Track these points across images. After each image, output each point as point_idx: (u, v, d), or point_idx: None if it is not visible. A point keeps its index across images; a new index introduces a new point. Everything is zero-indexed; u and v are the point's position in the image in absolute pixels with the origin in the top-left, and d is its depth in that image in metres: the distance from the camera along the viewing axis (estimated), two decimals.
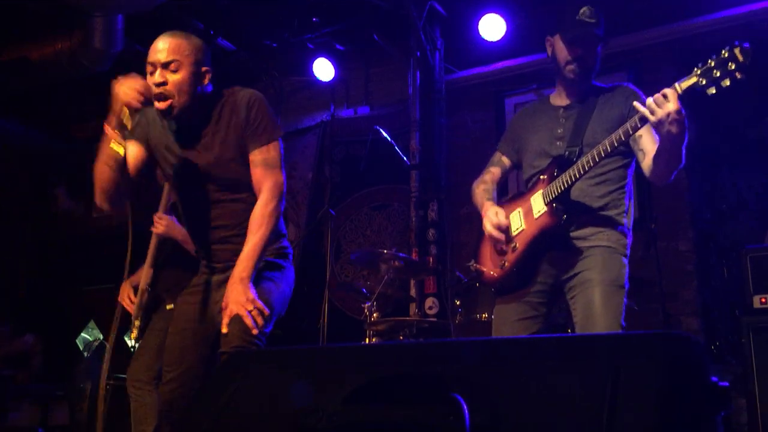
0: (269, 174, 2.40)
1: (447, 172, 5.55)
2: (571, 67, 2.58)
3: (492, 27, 5.28)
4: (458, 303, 4.12)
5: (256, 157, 2.41)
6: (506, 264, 2.59)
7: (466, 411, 1.09)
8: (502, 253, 2.63)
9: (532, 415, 1.12)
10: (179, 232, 3.45)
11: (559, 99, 2.71)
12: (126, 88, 2.25)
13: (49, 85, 5.84)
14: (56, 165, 7.73)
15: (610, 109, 2.58)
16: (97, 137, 2.53)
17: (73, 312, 7.38)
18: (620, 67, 5.05)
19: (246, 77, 6.65)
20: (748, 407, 3.00)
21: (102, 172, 2.44)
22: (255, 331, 2.22)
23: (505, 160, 2.85)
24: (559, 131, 2.62)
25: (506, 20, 5.24)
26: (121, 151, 2.34)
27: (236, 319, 2.24)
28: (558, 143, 2.60)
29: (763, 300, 3.14)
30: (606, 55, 2.64)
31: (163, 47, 2.34)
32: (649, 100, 2.21)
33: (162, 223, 3.49)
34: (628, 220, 2.58)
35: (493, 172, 2.87)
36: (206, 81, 2.40)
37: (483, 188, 2.83)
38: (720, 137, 4.69)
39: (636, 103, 2.26)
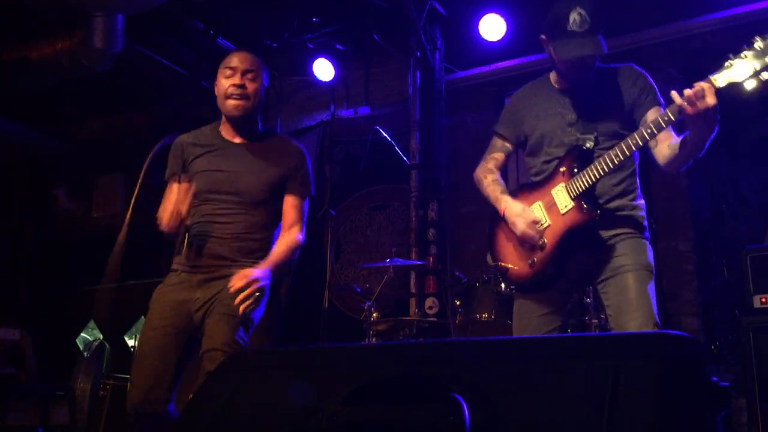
0: (298, 224, 2.71)
1: (447, 172, 5.55)
2: (569, 75, 2.56)
3: (492, 27, 5.28)
4: (458, 303, 4.12)
5: (294, 201, 2.72)
6: (536, 261, 2.50)
7: (466, 411, 1.09)
8: (527, 249, 2.54)
9: (531, 415, 1.12)
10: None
11: (561, 82, 2.64)
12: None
13: (49, 85, 5.84)
14: (56, 165, 7.73)
15: (618, 94, 2.54)
16: (97, 137, 2.58)
17: (73, 312, 7.38)
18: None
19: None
20: (748, 407, 3.00)
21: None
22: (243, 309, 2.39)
23: (508, 144, 2.76)
24: (570, 117, 2.55)
25: (506, 20, 5.24)
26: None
27: (225, 321, 2.40)
28: (569, 130, 2.54)
29: (763, 300, 3.14)
30: (606, 55, 2.60)
31: (244, 57, 2.68)
32: (689, 93, 2.15)
33: None
34: (641, 203, 2.58)
35: (497, 158, 2.77)
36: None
37: (492, 179, 2.72)
38: (720, 136, 4.68)
39: (673, 93, 2.20)
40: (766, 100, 4.51)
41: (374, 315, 4.20)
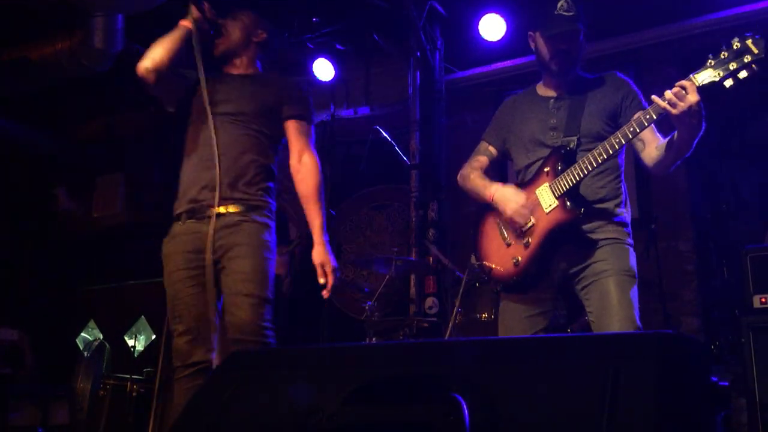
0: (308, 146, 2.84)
1: (447, 172, 5.55)
2: (556, 61, 2.59)
3: (492, 27, 5.28)
4: (458, 303, 4.11)
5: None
6: (520, 261, 2.51)
7: (466, 411, 1.09)
8: (510, 248, 2.56)
9: (531, 415, 1.12)
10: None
11: (546, 90, 2.70)
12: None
13: (49, 85, 5.84)
14: (56, 165, 7.73)
15: (602, 99, 2.58)
16: (97, 137, 2.60)
17: (73, 312, 7.38)
18: (620, 67, 5.04)
19: None
20: (748, 407, 3.00)
21: (171, 42, 2.79)
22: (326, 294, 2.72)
23: (492, 150, 2.82)
24: (552, 121, 2.60)
25: (506, 20, 5.24)
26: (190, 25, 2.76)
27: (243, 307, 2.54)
28: (552, 133, 2.58)
29: (763, 300, 3.14)
30: (606, 55, 2.65)
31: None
32: (669, 94, 2.20)
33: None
34: (626, 209, 2.58)
35: (480, 161, 2.82)
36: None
37: (477, 174, 2.77)
38: (720, 137, 4.69)
39: (654, 97, 2.24)
40: (766, 100, 4.52)
41: (374, 315, 4.20)
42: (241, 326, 2.55)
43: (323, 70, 6.01)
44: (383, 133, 5.09)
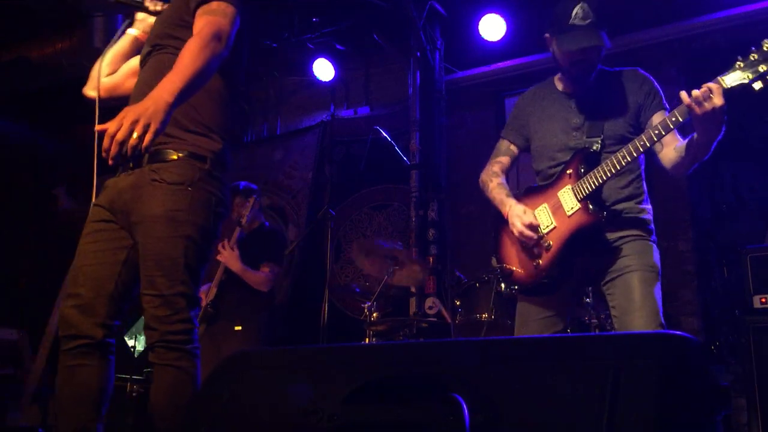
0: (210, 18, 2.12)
1: (447, 172, 5.55)
2: (574, 69, 2.54)
3: (492, 27, 5.28)
4: (458, 303, 4.12)
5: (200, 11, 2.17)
6: (541, 264, 2.49)
7: (466, 411, 1.09)
8: (532, 251, 2.53)
9: (531, 415, 1.12)
10: (237, 265, 4.06)
11: (566, 85, 2.64)
12: None
13: (49, 85, 5.84)
14: (56, 165, 7.73)
15: (625, 97, 2.53)
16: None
17: None
18: (620, 66, 5.05)
19: (246, 77, 6.66)
20: (748, 407, 3.00)
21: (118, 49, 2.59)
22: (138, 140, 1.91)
23: (514, 148, 2.76)
24: (575, 121, 2.55)
25: (506, 20, 5.24)
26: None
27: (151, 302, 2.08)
28: (575, 134, 2.54)
29: (763, 300, 3.14)
30: (606, 55, 2.60)
31: None
32: (696, 94, 2.16)
33: (224, 253, 4.08)
34: (648, 206, 2.56)
35: (502, 162, 2.76)
36: None
37: (497, 182, 2.71)
38: (720, 137, 4.69)
39: (682, 93, 2.20)
40: (766, 101, 4.51)
41: (374, 315, 4.20)
42: (146, 334, 2.12)
43: (323, 70, 6.01)
44: (383, 133, 5.09)
